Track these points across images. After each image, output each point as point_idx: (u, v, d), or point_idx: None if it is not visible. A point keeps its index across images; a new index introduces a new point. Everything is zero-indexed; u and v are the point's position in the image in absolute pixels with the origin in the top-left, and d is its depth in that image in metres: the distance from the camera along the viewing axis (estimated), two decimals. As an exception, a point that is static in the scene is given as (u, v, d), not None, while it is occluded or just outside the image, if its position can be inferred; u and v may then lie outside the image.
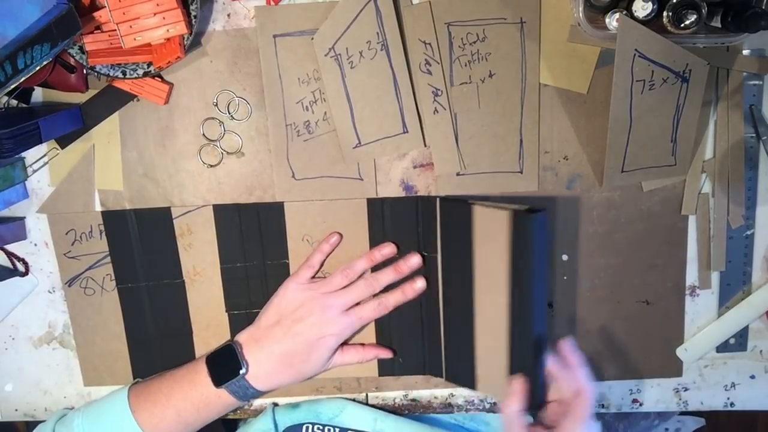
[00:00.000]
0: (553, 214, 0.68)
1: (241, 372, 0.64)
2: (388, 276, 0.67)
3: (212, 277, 0.72)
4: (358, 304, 0.67)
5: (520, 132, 0.67)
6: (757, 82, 0.66)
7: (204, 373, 0.66)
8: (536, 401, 0.63)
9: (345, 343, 0.69)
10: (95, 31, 0.63)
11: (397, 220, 0.69)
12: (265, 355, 0.65)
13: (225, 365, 0.65)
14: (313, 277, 0.68)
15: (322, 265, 0.69)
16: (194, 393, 0.65)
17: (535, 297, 0.61)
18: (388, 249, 0.68)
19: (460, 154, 0.67)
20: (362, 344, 0.70)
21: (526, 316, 0.62)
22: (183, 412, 0.65)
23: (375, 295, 0.68)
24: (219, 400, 0.66)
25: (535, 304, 0.61)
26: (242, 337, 0.67)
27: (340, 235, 0.69)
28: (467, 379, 0.69)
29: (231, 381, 0.65)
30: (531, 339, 0.62)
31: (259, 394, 0.67)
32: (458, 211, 0.65)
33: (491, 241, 0.62)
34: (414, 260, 0.68)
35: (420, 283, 0.68)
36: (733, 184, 0.67)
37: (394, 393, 0.74)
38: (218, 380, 0.65)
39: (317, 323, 0.65)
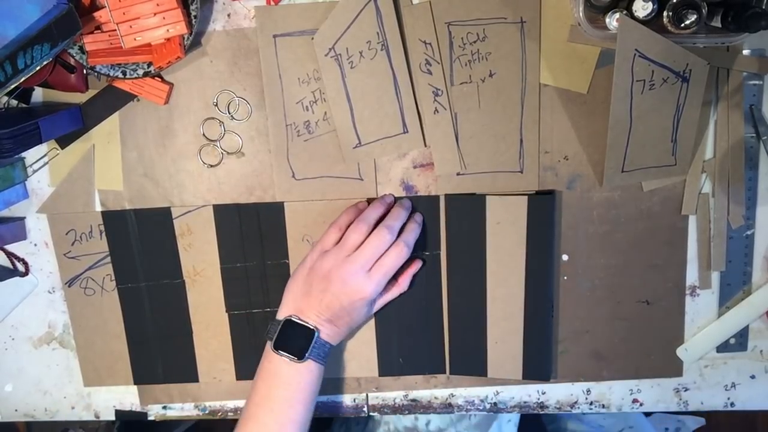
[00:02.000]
0: (553, 215, 0.68)
1: (317, 334, 0.63)
2: (380, 211, 0.66)
3: (212, 277, 0.72)
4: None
5: (520, 132, 0.67)
6: (757, 82, 0.66)
7: (283, 366, 0.63)
8: (547, 372, 0.70)
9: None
10: (95, 31, 0.63)
11: (397, 220, 0.69)
12: (316, 318, 0.64)
13: (296, 339, 0.63)
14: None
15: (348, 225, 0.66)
16: (288, 393, 0.63)
17: (553, 267, 0.69)
18: (389, 197, 0.68)
19: (460, 154, 0.67)
20: (396, 279, 0.68)
21: (544, 286, 0.69)
22: (287, 419, 0.63)
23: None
24: (311, 376, 0.64)
25: (552, 274, 0.69)
26: (289, 309, 0.65)
27: (393, 197, 0.69)
28: (476, 369, 0.71)
29: (312, 347, 0.63)
30: (548, 307, 0.69)
31: (331, 349, 0.66)
32: (469, 204, 0.68)
33: (508, 227, 0.68)
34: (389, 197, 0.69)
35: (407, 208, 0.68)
36: (733, 184, 0.67)
37: (394, 393, 0.74)
38: (301, 354, 0.63)
39: (343, 292, 0.63)
